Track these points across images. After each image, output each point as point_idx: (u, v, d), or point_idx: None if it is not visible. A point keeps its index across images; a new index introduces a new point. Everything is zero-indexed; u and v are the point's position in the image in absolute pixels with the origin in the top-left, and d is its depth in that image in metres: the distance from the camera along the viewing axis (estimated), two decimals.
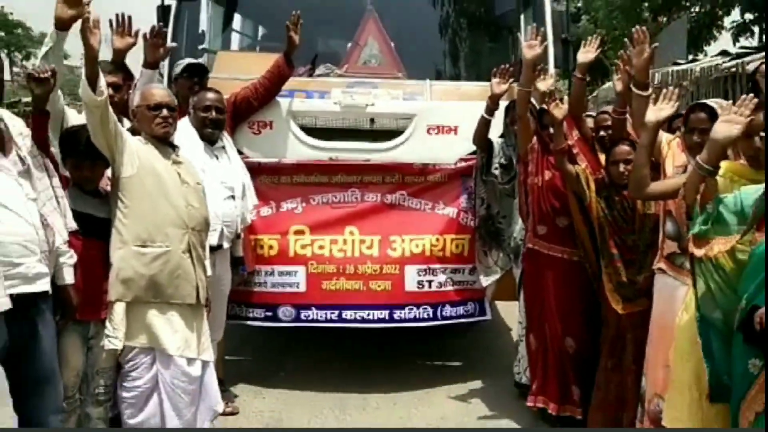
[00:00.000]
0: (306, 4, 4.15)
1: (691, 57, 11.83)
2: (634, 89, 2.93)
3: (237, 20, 5.30)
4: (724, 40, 14.09)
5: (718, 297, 2.28)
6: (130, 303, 2.83)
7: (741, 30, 12.81)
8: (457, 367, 4.59)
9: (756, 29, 12.49)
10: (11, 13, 36.62)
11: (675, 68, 8.67)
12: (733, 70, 6.42)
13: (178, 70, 3.73)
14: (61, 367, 2.71)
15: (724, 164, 2.36)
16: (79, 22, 2.55)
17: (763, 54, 6.11)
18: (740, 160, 2.45)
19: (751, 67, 5.52)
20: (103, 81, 2.63)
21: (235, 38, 5.38)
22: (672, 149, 2.83)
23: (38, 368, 2.56)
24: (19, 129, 2.49)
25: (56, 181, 2.58)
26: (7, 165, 2.39)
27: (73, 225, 2.60)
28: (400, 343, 4.75)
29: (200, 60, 4.14)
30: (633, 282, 3.24)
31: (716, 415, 2.41)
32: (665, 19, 15.22)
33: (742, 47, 9.31)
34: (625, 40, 3.16)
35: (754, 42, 12.46)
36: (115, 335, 2.82)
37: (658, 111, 2.64)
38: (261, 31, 5.65)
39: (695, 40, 14.47)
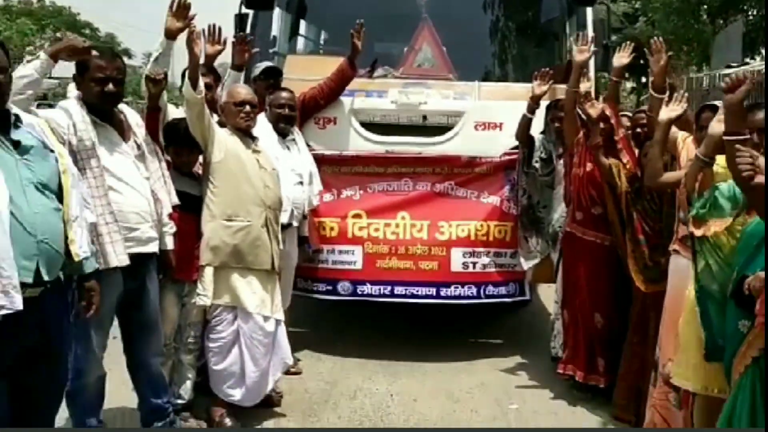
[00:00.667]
0: (366, 11, 4.62)
1: (747, 60, 11.83)
2: (651, 92, 3.31)
3: (303, 26, 5.81)
4: None
5: (716, 271, 2.66)
6: (217, 267, 3.38)
7: None
8: (499, 343, 5.00)
9: None
10: (78, 14, 38.30)
11: (725, 71, 8.82)
12: None
13: (256, 72, 4.26)
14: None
15: (722, 157, 2.72)
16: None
17: None
18: None
19: None
20: (202, 82, 3.18)
21: (300, 41, 5.90)
22: (686, 145, 3.20)
23: (145, 316, 3.13)
24: (135, 120, 3.06)
25: (164, 164, 3.14)
26: (127, 149, 2.96)
27: (176, 200, 3.16)
28: (446, 321, 5.19)
29: (271, 62, 4.66)
30: (657, 264, 3.59)
31: (716, 374, 2.77)
32: (722, 21, 15.15)
33: None
34: (645, 49, 3.52)
35: None
36: (204, 294, 3.37)
37: (669, 111, 3.02)
38: (324, 35, 6.16)
39: (752, 43, 14.39)
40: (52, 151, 2.44)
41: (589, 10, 4.74)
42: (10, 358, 2.30)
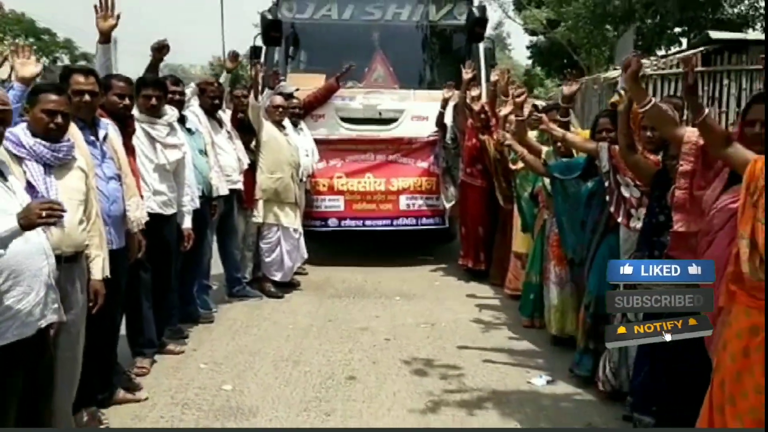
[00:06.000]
0: (341, 46, 7.30)
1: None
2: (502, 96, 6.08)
3: (293, 52, 8.38)
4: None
5: (525, 185, 5.42)
6: (265, 201, 6.00)
7: (672, 41, 15.85)
8: (430, 258, 7.73)
9: (684, 40, 15.52)
10: (34, 21, 39.11)
11: (610, 74, 11.72)
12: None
13: (286, 90, 6.73)
14: None
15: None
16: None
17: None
18: None
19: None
20: (260, 97, 5.79)
21: (293, 62, 8.46)
22: None
23: (231, 225, 5.74)
24: (226, 118, 5.64)
25: (241, 143, 5.74)
26: (223, 133, 5.54)
27: (248, 161, 5.76)
28: (399, 247, 7.88)
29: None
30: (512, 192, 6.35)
31: (531, 241, 5.53)
32: (626, 27, 18.20)
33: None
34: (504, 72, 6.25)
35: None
36: (257, 215, 6.00)
37: (505, 110, 5.79)
38: (307, 57, 8.73)
39: (649, 47, 17.50)
40: (200, 132, 5.05)
41: (480, 45, 7.50)
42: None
